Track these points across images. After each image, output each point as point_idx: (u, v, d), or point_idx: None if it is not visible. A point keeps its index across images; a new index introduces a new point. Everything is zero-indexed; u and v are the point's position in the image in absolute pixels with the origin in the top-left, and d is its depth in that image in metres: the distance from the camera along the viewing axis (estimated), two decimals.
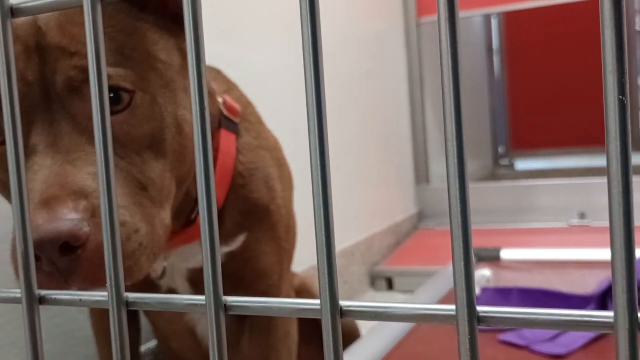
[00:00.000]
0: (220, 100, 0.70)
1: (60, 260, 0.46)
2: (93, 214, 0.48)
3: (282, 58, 1.46)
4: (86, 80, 0.52)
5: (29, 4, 0.33)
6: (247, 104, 0.76)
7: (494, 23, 3.56)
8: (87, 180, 0.50)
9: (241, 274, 0.72)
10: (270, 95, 1.35)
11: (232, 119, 0.71)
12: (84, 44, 0.52)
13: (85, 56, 0.51)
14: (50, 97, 0.53)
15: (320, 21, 0.26)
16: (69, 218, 0.46)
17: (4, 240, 0.81)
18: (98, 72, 0.30)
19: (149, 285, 0.71)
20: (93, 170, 0.51)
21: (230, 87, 0.76)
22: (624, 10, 0.21)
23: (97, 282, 0.48)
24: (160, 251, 0.55)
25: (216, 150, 0.68)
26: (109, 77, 0.52)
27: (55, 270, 0.47)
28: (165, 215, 0.56)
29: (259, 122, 0.76)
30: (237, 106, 0.72)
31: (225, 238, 0.70)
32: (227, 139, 0.69)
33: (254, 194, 0.70)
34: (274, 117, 0.79)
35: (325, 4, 1.62)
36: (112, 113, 0.53)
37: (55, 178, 0.49)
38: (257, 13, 1.37)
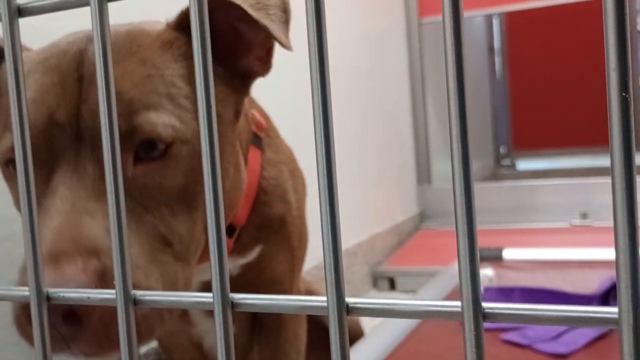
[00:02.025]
0: (249, 115, 0.69)
1: (62, 326, 0.43)
2: (103, 276, 0.45)
3: (283, 57, 1.46)
4: (126, 131, 0.48)
5: (36, 4, 0.33)
6: (266, 117, 0.74)
7: (495, 23, 3.56)
8: (102, 237, 0.46)
9: (255, 282, 0.72)
10: (272, 94, 1.35)
11: (257, 134, 0.69)
12: (135, 85, 0.50)
13: (131, 102, 0.49)
14: (80, 137, 0.49)
15: (325, 20, 0.26)
16: (75, 281, 0.43)
17: (6, 239, 0.81)
18: (105, 74, 0.30)
19: None
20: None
21: (250, 99, 0.74)
22: (627, 7, 0.21)
23: (100, 350, 0.45)
24: (178, 308, 0.51)
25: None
26: (152, 124, 0.49)
27: (57, 334, 0.44)
28: (189, 272, 0.53)
29: (277, 135, 0.75)
30: (263, 121, 0.71)
31: (241, 251, 0.69)
32: (253, 156, 0.67)
33: (273, 209, 0.69)
34: (275, 116, 0.79)
35: (327, 3, 1.62)
36: (145, 160, 0.50)
37: (70, 229, 0.46)
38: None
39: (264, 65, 0.59)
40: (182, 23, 0.54)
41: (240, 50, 0.58)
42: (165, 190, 0.51)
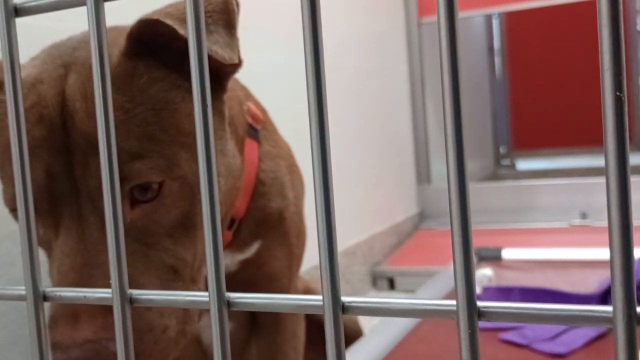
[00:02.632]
0: (244, 107, 0.69)
1: None
2: None
3: (281, 57, 1.46)
4: (121, 179, 0.49)
5: (32, 4, 0.33)
6: (263, 111, 0.75)
7: (495, 23, 3.56)
8: None
9: (253, 279, 0.72)
10: (270, 95, 1.35)
11: (254, 127, 0.69)
12: (114, 133, 0.49)
13: (117, 149, 0.49)
14: (77, 189, 0.50)
15: (321, 21, 0.26)
16: (98, 339, 0.46)
17: (4, 239, 0.81)
18: (102, 74, 0.31)
19: None
20: None
21: (247, 93, 0.74)
22: (620, 7, 0.21)
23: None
24: (192, 324, 0.54)
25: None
26: (138, 174, 0.50)
27: None
28: (197, 289, 0.55)
29: (274, 129, 0.76)
30: (259, 113, 0.71)
31: (241, 246, 0.69)
32: (250, 148, 0.68)
33: (271, 203, 0.70)
34: (274, 117, 0.79)
35: (326, 3, 1.62)
36: (140, 202, 0.51)
37: (84, 286, 0.47)
38: (256, 12, 1.38)
39: (234, 64, 0.58)
40: (134, 48, 0.52)
41: None
42: (165, 225, 0.52)
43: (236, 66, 0.57)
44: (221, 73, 0.57)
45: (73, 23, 0.70)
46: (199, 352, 0.82)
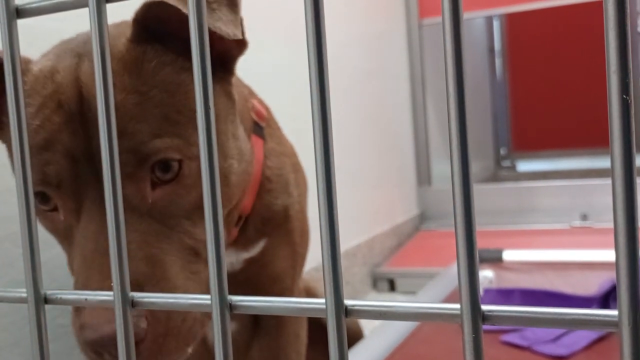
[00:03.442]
0: (249, 105, 0.69)
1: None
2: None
3: (283, 58, 1.46)
4: (138, 162, 0.51)
5: (34, 5, 0.33)
6: (267, 109, 0.75)
7: (496, 24, 3.56)
8: (141, 267, 0.49)
9: (257, 279, 0.72)
10: (271, 95, 1.35)
11: (259, 124, 0.70)
12: (132, 119, 0.50)
13: (134, 133, 0.50)
14: (97, 172, 0.51)
15: (324, 21, 0.26)
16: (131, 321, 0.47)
17: (4, 240, 0.81)
18: (104, 75, 0.30)
19: None
20: (146, 252, 0.50)
21: (250, 91, 0.75)
22: (628, 9, 0.21)
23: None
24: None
25: None
26: (157, 151, 0.51)
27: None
28: None
29: (278, 127, 0.76)
30: (263, 110, 0.72)
31: (246, 244, 0.69)
32: (256, 145, 0.68)
33: (277, 200, 0.70)
34: (276, 117, 0.79)
35: (327, 4, 1.62)
36: (161, 183, 0.52)
37: (109, 267, 0.48)
38: (258, 12, 1.38)
39: (239, 44, 0.58)
40: (141, 34, 0.53)
41: (209, 39, 0.58)
42: (185, 206, 0.53)
43: (242, 47, 0.58)
44: (228, 56, 0.58)
45: (74, 24, 0.70)
46: (204, 351, 0.82)
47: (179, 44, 0.54)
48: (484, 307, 0.24)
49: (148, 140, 0.51)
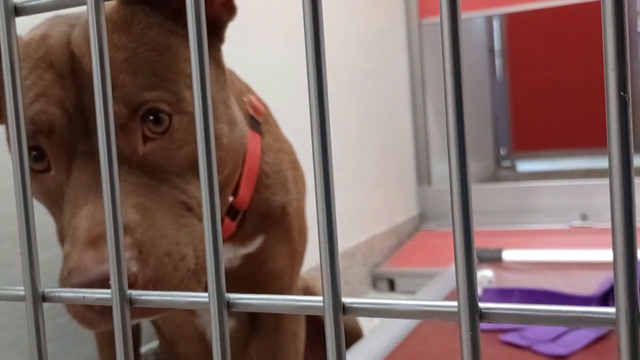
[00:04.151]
0: (245, 99, 0.70)
1: None
2: (140, 249, 0.48)
3: (282, 58, 1.46)
4: (130, 113, 0.51)
5: (32, 3, 0.33)
6: (265, 106, 0.76)
7: (496, 24, 3.56)
8: (131, 214, 0.49)
9: (255, 276, 0.72)
10: (270, 95, 1.35)
11: (256, 119, 0.71)
12: (122, 71, 0.51)
13: (124, 85, 0.51)
14: (90, 128, 0.52)
15: (323, 21, 0.26)
16: None
17: (3, 239, 0.81)
18: (102, 74, 0.30)
19: None
20: (136, 201, 0.50)
21: (248, 88, 0.76)
22: (625, 6, 0.21)
23: (147, 313, 0.49)
24: None
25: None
26: (147, 101, 0.52)
27: (107, 308, 0.47)
28: None
29: (276, 124, 0.77)
30: (260, 106, 0.72)
31: (244, 240, 0.70)
32: (253, 139, 0.69)
33: (275, 196, 0.70)
34: (275, 117, 0.79)
35: (327, 4, 1.62)
36: (153, 136, 0.53)
37: (100, 214, 0.49)
38: (257, 13, 1.38)
39: (229, 10, 0.60)
40: None
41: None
42: (175, 162, 0.53)
43: (231, 13, 0.60)
44: (218, 22, 0.60)
45: None
46: (202, 348, 0.82)
47: (168, 7, 0.56)
48: (481, 305, 0.24)
49: (138, 92, 0.52)
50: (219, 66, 0.60)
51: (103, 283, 0.45)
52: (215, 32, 0.60)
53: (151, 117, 0.52)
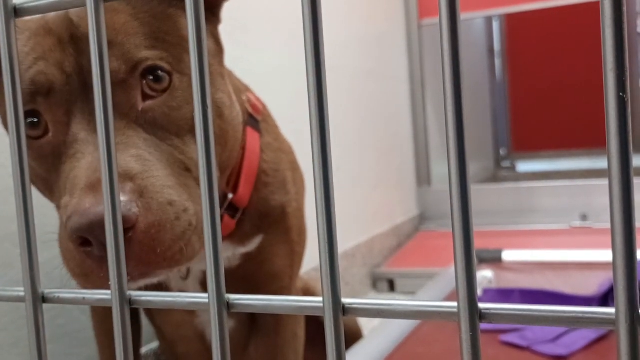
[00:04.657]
0: (244, 97, 0.70)
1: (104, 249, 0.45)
2: (141, 194, 0.48)
3: (282, 59, 1.46)
4: (129, 70, 0.52)
5: (32, 4, 0.33)
6: (264, 105, 0.76)
7: (495, 25, 3.56)
8: (131, 163, 0.49)
9: (255, 276, 0.72)
10: (270, 96, 1.35)
11: (255, 117, 0.71)
12: (121, 32, 0.52)
13: (123, 44, 0.52)
14: (86, 85, 0.53)
15: (322, 22, 0.26)
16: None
17: (4, 240, 0.81)
18: (101, 72, 0.30)
19: (162, 288, 0.71)
20: (135, 152, 0.50)
21: (247, 88, 0.76)
22: (624, 7, 0.21)
23: (150, 265, 0.47)
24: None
25: (242, 147, 0.68)
26: (146, 59, 0.52)
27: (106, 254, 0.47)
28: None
29: (275, 124, 0.77)
30: (259, 104, 0.73)
31: (243, 239, 0.70)
32: (252, 137, 0.69)
33: (274, 195, 0.71)
34: (275, 118, 0.79)
35: (326, 5, 1.62)
36: (153, 94, 0.53)
37: (99, 163, 0.49)
38: (257, 14, 1.38)
39: None
40: None
41: None
42: (174, 122, 0.54)
43: None
44: (214, 1, 0.61)
45: None
46: (202, 348, 0.82)
47: None
48: (481, 305, 0.24)
49: (137, 50, 0.52)
50: (217, 43, 0.61)
51: (102, 224, 0.44)
52: (212, 11, 0.61)
53: (151, 77, 0.53)
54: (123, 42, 0.52)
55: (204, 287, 0.71)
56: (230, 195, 0.66)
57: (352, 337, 1.06)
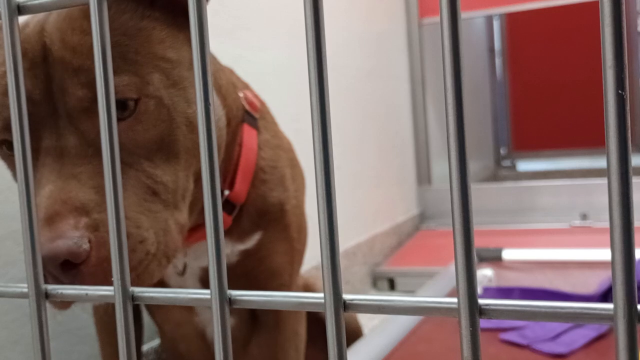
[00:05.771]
0: (241, 95, 0.70)
1: (62, 276, 0.48)
2: (96, 228, 0.49)
3: (283, 58, 1.46)
4: (94, 98, 0.52)
5: (35, 2, 0.34)
6: (262, 102, 0.76)
7: (496, 24, 3.56)
8: (90, 194, 0.50)
9: (254, 273, 0.72)
10: (271, 95, 1.35)
11: (252, 115, 0.71)
12: (87, 55, 0.52)
13: (90, 70, 0.52)
14: (58, 114, 0.53)
15: (324, 21, 0.26)
16: (68, 236, 0.48)
17: (5, 238, 0.81)
18: (104, 71, 0.31)
19: (161, 286, 0.71)
20: (97, 182, 0.51)
21: (246, 85, 0.76)
22: (623, 5, 0.21)
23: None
24: (175, 252, 0.55)
25: (239, 144, 0.68)
26: (115, 88, 0.52)
27: (54, 281, 0.48)
28: (180, 216, 0.56)
29: (273, 121, 0.77)
30: (256, 102, 0.73)
31: (241, 236, 0.70)
32: (249, 134, 0.69)
33: (272, 192, 0.71)
34: (275, 116, 0.79)
35: (327, 4, 1.62)
36: (118, 120, 0.53)
37: (59, 193, 0.50)
38: (258, 12, 1.38)
39: None
40: None
41: None
42: (142, 145, 0.54)
43: None
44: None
45: None
46: (202, 346, 0.82)
47: None
48: (481, 301, 0.25)
49: None
50: None
51: (54, 260, 0.46)
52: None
53: (117, 103, 0.52)
54: (90, 69, 0.52)
55: (202, 284, 0.72)
56: (227, 192, 0.67)
57: (353, 335, 1.06)
